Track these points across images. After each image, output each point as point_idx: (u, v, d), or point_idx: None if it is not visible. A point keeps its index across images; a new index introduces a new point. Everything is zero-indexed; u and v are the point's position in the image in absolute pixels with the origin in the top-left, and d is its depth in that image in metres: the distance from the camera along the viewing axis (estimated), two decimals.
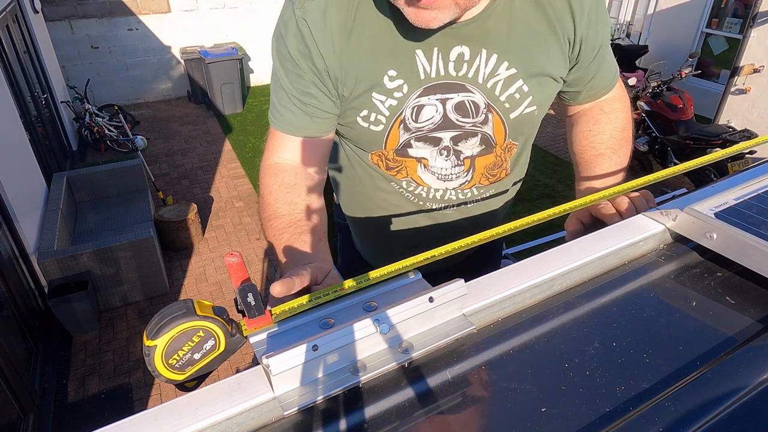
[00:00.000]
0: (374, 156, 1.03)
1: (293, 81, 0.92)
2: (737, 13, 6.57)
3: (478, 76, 0.91)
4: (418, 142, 0.98)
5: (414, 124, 0.95)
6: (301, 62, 0.90)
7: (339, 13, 0.86)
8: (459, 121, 0.95)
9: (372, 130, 0.96)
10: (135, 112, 7.32)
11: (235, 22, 7.95)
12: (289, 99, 0.93)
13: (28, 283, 3.45)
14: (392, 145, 0.98)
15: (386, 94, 0.91)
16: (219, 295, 3.97)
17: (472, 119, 0.95)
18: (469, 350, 0.58)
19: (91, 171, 4.63)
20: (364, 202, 1.15)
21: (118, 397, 3.16)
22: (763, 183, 0.82)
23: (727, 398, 0.49)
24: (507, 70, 0.91)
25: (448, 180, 1.04)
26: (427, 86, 0.91)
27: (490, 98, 0.93)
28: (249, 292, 0.55)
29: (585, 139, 1.08)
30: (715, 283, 0.68)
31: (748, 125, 5.47)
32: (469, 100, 0.93)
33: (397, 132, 0.96)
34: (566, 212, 0.74)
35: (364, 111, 0.93)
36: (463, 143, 0.99)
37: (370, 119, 0.94)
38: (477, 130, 0.97)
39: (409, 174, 1.04)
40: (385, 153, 1.00)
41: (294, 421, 0.51)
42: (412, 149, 0.99)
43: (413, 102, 0.92)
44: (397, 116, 0.94)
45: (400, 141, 0.97)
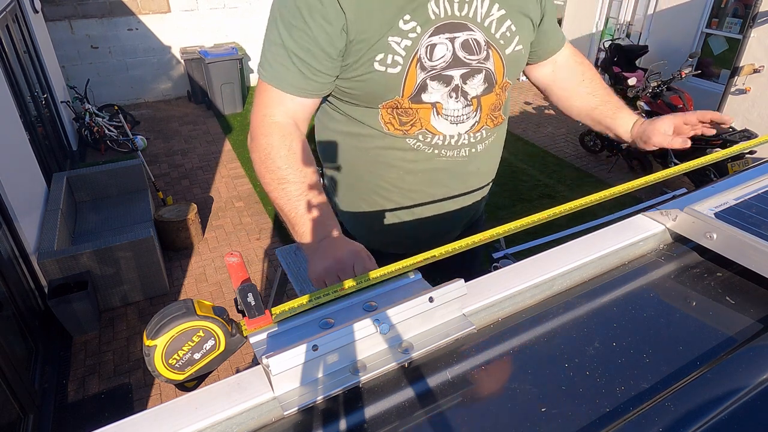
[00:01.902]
0: (385, 112, 1.04)
1: (296, 37, 0.93)
2: (737, 13, 6.56)
3: (477, 16, 1.00)
4: (433, 81, 1.00)
5: (429, 63, 0.98)
6: (311, 17, 0.91)
7: None
8: (466, 59, 1.01)
9: (390, 73, 0.97)
10: (135, 112, 7.32)
11: (235, 22, 7.95)
12: (288, 56, 0.94)
13: (28, 283, 3.45)
14: (410, 87, 1.00)
15: (401, 35, 0.95)
16: (219, 295, 3.97)
17: (477, 56, 1.02)
18: (469, 350, 0.58)
19: (91, 171, 4.63)
20: (371, 180, 1.15)
21: (118, 397, 3.16)
22: (763, 183, 0.82)
23: (727, 398, 0.49)
24: (498, 11, 1.02)
25: (460, 122, 1.07)
26: (437, 26, 0.97)
27: (488, 36, 1.02)
28: (249, 292, 0.55)
29: (585, 87, 1.24)
30: (715, 283, 0.68)
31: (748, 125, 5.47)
32: (472, 38, 1.01)
33: (414, 72, 0.98)
34: (566, 212, 0.74)
35: (380, 55, 0.95)
36: (471, 81, 1.03)
37: (387, 62, 0.96)
38: (482, 67, 1.03)
39: (423, 125, 1.05)
40: (400, 102, 1.01)
41: (294, 421, 0.51)
42: (426, 93, 1.01)
43: (426, 41, 0.97)
44: (413, 55, 0.97)
45: (417, 81, 0.99)
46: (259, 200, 5.22)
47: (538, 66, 1.25)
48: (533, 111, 7.30)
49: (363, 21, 0.92)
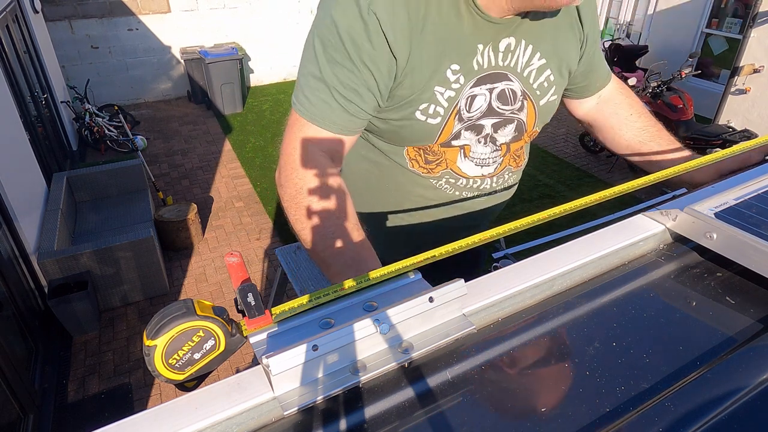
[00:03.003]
0: (412, 149, 1.02)
1: (340, 75, 0.86)
2: (737, 13, 6.57)
3: (518, 66, 0.97)
4: (467, 131, 0.99)
5: (467, 114, 0.97)
6: (359, 57, 0.84)
7: (408, 3, 0.83)
8: (500, 109, 0.99)
9: (429, 123, 0.95)
10: (135, 112, 7.32)
11: (235, 22, 7.95)
12: (330, 92, 0.87)
13: (28, 283, 3.44)
14: (444, 137, 0.98)
15: (446, 85, 0.92)
16: (219, 295, 3.97)
17: (511, 106, 1.00)
18: (469, 350, 0.58)
19: (91, 171, 4.63)
20: (386, 198, 1.13)
21: (118, 397, 3.16)
22: (763, 183, 0.82)
23: (727, 398, 0.49)
24: (539, 60, 0.98)
25: (485, 165, 1.06)
26: (480, 76, 0.94)
27: (525, 86, 0.99)
28: (249, 292, 0.55)
29: (635, 121, 1.18)
30: (715, 283, 0.68)
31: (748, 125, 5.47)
32: (509, 89, 0.98)
33: (452, 123, 0.97)
34: (566, 212, 0.74)
35: (423, 104, 0.92)
36: (501, 130, 1.02)
37: (429, 112, 0.94)
38: (514, 117, 1.02)
39: (448, 165, 1.04)
40: (430, 146, 1.00)
41: (294, 421, 0.51)
42: (457, 140, 1.00)
43: (468, 92, 0.94)
44: (454, 107, 0.95)
45: (453, 131, 0.98)
46: (259, 200, 5.22)
47: (582, 101, 1.20)
48: None
49: (414, 67, 0.88)
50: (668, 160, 1.14)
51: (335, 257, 0.80)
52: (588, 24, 1.03)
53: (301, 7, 8.31)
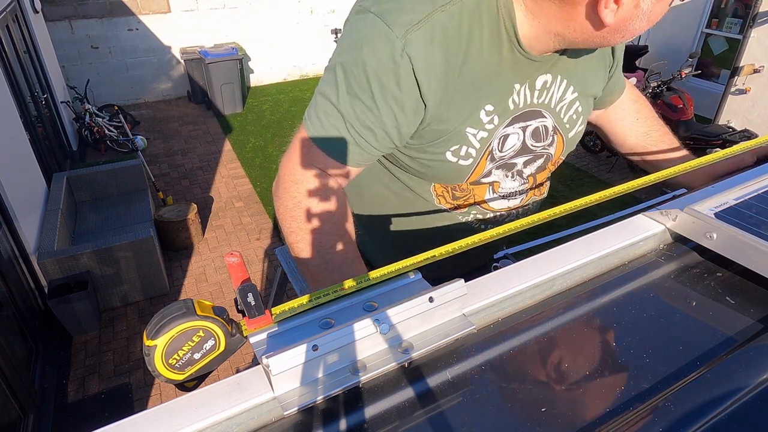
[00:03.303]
0: (439, 188, 0.98)
1: (358, 110, 0.81)
2: (737, 13, 6.57)
3: (552, 102, 0.94)
4: (498, 170, 0.96)
5: (499, 154, 0.93)
6: (382, 97, 0.79)
7: (448, 46, 0.77)
8: (533, 146, 0.96)
9: (460, 164, 0.91)
10: (135, 112, 7.32)
11: (235, 22, 7.95)
12: (344, 124, 0.82)
13: (28, 283, 3.45)
14: (475, 176, 0.95)
15: (478, 126, 0.88)
16: (219, 295, 3.97)
17: (542, 143, 0.97)
18: (469, 350, 0.58)
19: (91, 171, 4.63)
20: (404, 227, 1.08)
21: (118, 397, 3.16)
22: (763, 183, 0.82)
23: (727, 398, 0.49)
24: (572, 94, 0.95)
25: (512, 198, 1.04)
26: (515, 116, 0.90)
27: (557, 120, 0.97)
28: (249, 292, 0.55)
29: (640, 126, 1.18)
30: (715, 283, 0.68)
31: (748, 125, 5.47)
32: (542, 125, 0.95)
33: (483, 164, 0.93)
34: (566, 212, 0.74)
35: (455, 145, 0.88)
36: (531, 165, 1.00)
37: (461, 153, 0.89)
38: (544, 152, 0.99)
39: (476, 200, 1.01)
40: (460, 185, 0.97)
41: (294, 421, 0.51)
42: (487, 178, 0.97)
43: (501, 132, 0.91)
44: (486, 147, 0.91)
45: (484, 171, 0.95)
46: (259, 200, 5.22)
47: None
48: None
49: (445, 111, 0.83)
50: (668, 161, 1.15)
51: (328, 273, 0.80)
52: (618, 50, 1.02)
53: (301, 7, 8.31)
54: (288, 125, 6.98)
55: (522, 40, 0.81)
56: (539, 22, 0.77)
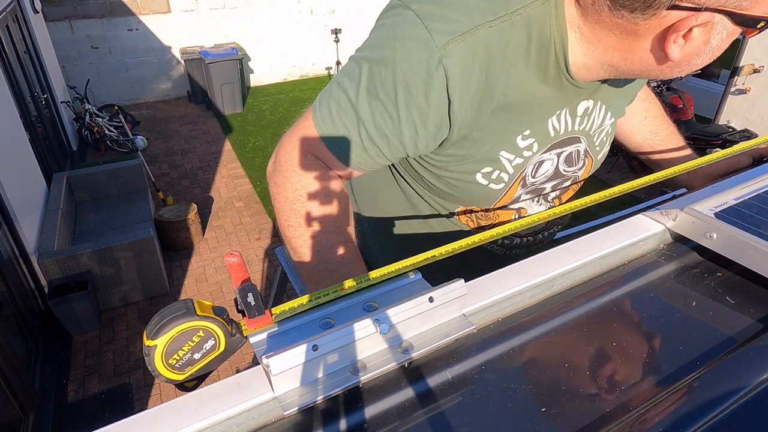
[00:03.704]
0: (465, 211, 0.95)
1: (377, 114, 0.75)
2: None
3: (591, 128, 0.89)
4: (527, 194, 0.93)
5: (531, 180, 0.89)
6: (406, 107, 0.73)
7: (490, 65, 0.70)
8: (565, 171, 0.93)
9: (491, 188, 0.86)
10: (135, 112, 7.32)
11: (235, 22, 7.95)
12: (356, 123, 0.76)
13: (28, 283, 3.45)
14: (504, 201, 0.91)
15: (515, 152, 0.83)
16: (219, 295, 3.97)
17: (574, 167, 0.94)
18: (469, 350, 0.58)
19: (91, 171, 4.63)
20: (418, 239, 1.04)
21: (118, 397, 3.16)
22: (763, 183, 0.82)
23: (727, 398, 0.49)
24: (609, 119, 0.92)
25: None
26: (553, 143, 0.86)
27: (589, 144, 0.93)
28: (249, 292, 0.55)
29: (647, 125, 1.16)
30: (715, 283, 0.68)
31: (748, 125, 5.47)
32: (576, 150, 0.91)
33: (515, 189, 0.89)
34: (566, 212, 0.74)
35: (487, 168, 0.83)
36: (558, 189, 0.97)
37: (492, 177, 0.85)
38: (572, 176, 0.96)
39: None
40: (488, 209, 0.93)
41: (294, 421, 0.51)
42: (515, 203, 0.94)
43: (537, 158, 0.86)
44: (519, 174, 0.86)
45: (514, 197, 0.91)
46: (259, 200, 5.22)
47: None
48: None
49: (478, 133, 0.78)
50: (673, 160, 1.14)
51: (326, 274, 0.77)
52: None
53: (301, 7, 8.31)
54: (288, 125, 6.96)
55: (571, 68, 0.74)
56: (594, 51, 0.71)
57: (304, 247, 0.79)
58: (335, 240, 0.79)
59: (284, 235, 0.82)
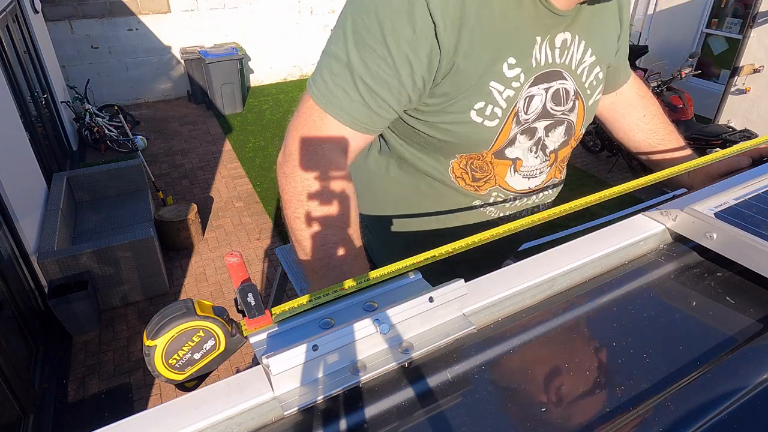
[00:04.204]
0: (458, 165, 0.95)
1: (369, 61, 0.76)
2: (737, 13, 6.57)
3: (572, 63, 0.91)
4: (522, 135, 0.92)
5: (524, 116, 0.90)
6: (396, 43, 0.75)
7: None
8: (552, 110, 0.93)
9: (486, 126, 0.86)
10: (135, 112, 7.32)
11: (235, 22, 7.95)
12: (353, 81, 0.78)
13: (28, 283, 3.45)
14: (500, 142, 0.90)
15: (504, 83, 0.84)
16: (219, 295, 3.97)
17: (563, 107, 0.94)
18: (469, 350, 0.58)
19: (91, 171, 4.63)
20: (418, 224, 1.05)
21: (118, 397, 3.16)
22: (763, 183, 0.82)
23: (727, 398, 0.49)
24: (590, 57, 0.93)
25: (533, 177, 1.00)
26: (537, 74, 0.87)
27: (578, 84, 0.94)
28: (249, 292, 0.55)
29: (647, 123, 1.17)
30: (715, 283, 0.68)
31: (748, 125, 5.47)
32: (563, 88, 0.92)
33: (510, 126, 0.89)
34: (566, 212, 0.74)
35: (479, 103, 0.84)
36: (552, 133, 0.96)
37: (486, 113, 0.85)
38: (564, 119, 0.95)
39: (497, 182, 0.98)
40: (483, 155, 0.93)
41: (294, 421, 0.51)
42: (511, 148, 0.93)
43: (526, 92, 0.87)
44: (512, 108, 0.87)
45: (510, 136, 0.91)
46: (259, 200, 5.22)
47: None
48: None
49: (464, 58, 0.79)
50: (673, 161, 1.14)
51: (329, 270, 0.76)
52: (625, 19, 1.00)
53: (301, 7, 8.31)
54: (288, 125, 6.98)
55: None
56: None
57: (308, 242, 0.78)
58: (340, 236, 0.78)
59: (290, 227, 0.81)
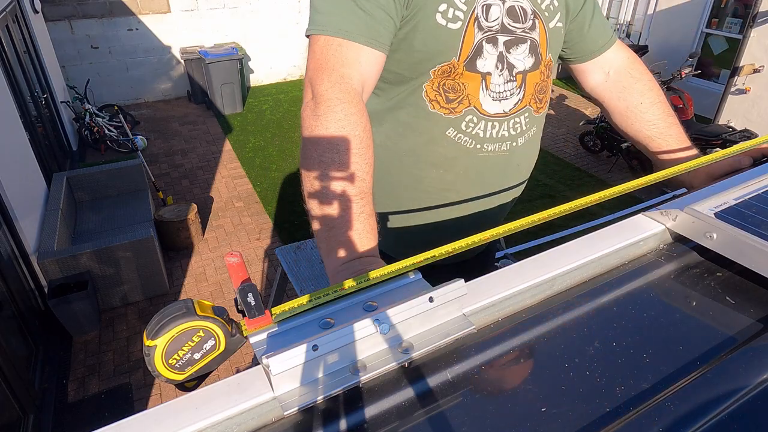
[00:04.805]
0: (431, 88, 0.99)
1: None
2: (737, 13, 6.57)
3: None
4: (488, 44, 0.97)
5: (486, 23, 0.96)
6: None
7: None
8: (511, 26, 0.98)
9: (450, 28, 0.94)
10: (135, 112, 7.32)
11: (235, 22, 7.95)
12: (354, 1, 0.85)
13: (28, 283, 3.45)
14: (467, 47, 0.96)
15: None
16: (219, 295, 3.97)
17: (522, 24, 0.99)
18: (469, 350, 0.58)
19: (91, 171, 4.63)
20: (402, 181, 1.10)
21: (118, 397, 3.16)
22: (763, 183, 0.82)
23: (727, 398, 0.49)
24: None
25: (503, 99, 1.03)
26: None
27: (534, 5, 1.00)
28: (249, 292, 0.55)
29: (644, 112, 1.14)
30: (715, 283, 0.68)
31: (748, 125, 5.47)
32: (519, 6, 0.98)
33: (472, 31, 0.95)
34: (566, 212, 0.74)
35: (442, 5, 0.93)
36: (515, 50, 0.99)
37: (449, 15, 0.93)
38: (526, 36, 1.00)
39: (471, 102, 1.01)
40: (455, 66, 0.97)
41: (294, 421, 0.51)
42: (481, 59, 0.98)
43: (482, 0, 0.95)
44: (472, 12, 0.94)
45: (475, 41, 0.96)
46: (259, 200, 5.22)
47: (587, 71, 1.18)
48: None
49: None
50: (671, 160, 1.12)
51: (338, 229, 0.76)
52: None
53: (302, 7, 8.31)
54: (288, 125, 6.98)
55: None
56: None
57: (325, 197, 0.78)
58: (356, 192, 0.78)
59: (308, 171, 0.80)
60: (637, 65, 1.17)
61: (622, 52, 1.17)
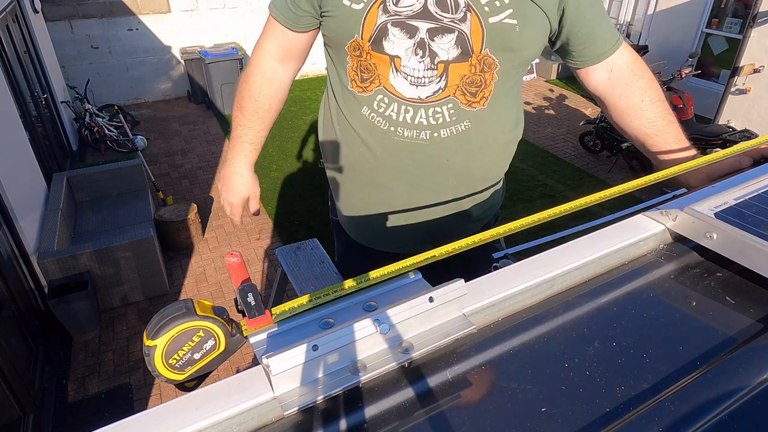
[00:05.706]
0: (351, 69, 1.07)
1: None
2: (737, 13, 6.57)
3: None
4: (395, 28, 0.99)
5: (393, 8, 0.97)
6: None
7: None
8: (438, 14, 0.97)
9: (353, 8, 0.99)
10: (135, 112, 7.32)
11: (235, 22, 7.95)
12: None
13: (28, 283, 3.44)
14: (369, 27, 0.99)
15: None
16: (219, 295, 3.97)
17: (451, 15, 0.97)
18: (469, 350, 0.58)
19: (91, 171, 4.63)
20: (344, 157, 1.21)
21: (118, 397, 3.16)
22: (763, 183, 0.82)
23: (727, 398, 0.49)
24: None
25: (421, 85, 1.03)
26: None
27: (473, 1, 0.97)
28: (249, 292, 0.55)
29: (644, 110, 1.13)
30: (715, 283, 0.68)
31: (748, 125, 5.47)
32: None
33: (375, 12, 0.98)
34: (566, 212, 0.74)
35: None
36: (439, 39, 0.99)
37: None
38: (454, 27, 0.98)
39: (381, 82, 1.05)
40: (362, 44, 1.02)
41: (294, 421, 0.51)
42: (387, 41, 1.00)
43: None
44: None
45: (377, 23, 0.99)
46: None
47: (591, 71, 1.15)
48: (533, 111, 7.30)
49: None
50: (669, 159, 1.12)
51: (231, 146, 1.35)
52: None
53: None
54: (288, 125, 6.97)
55: None
56: None
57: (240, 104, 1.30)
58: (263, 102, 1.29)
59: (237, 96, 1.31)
60: (638, 64, 1.16)
61: (626, 51, 1.16)
